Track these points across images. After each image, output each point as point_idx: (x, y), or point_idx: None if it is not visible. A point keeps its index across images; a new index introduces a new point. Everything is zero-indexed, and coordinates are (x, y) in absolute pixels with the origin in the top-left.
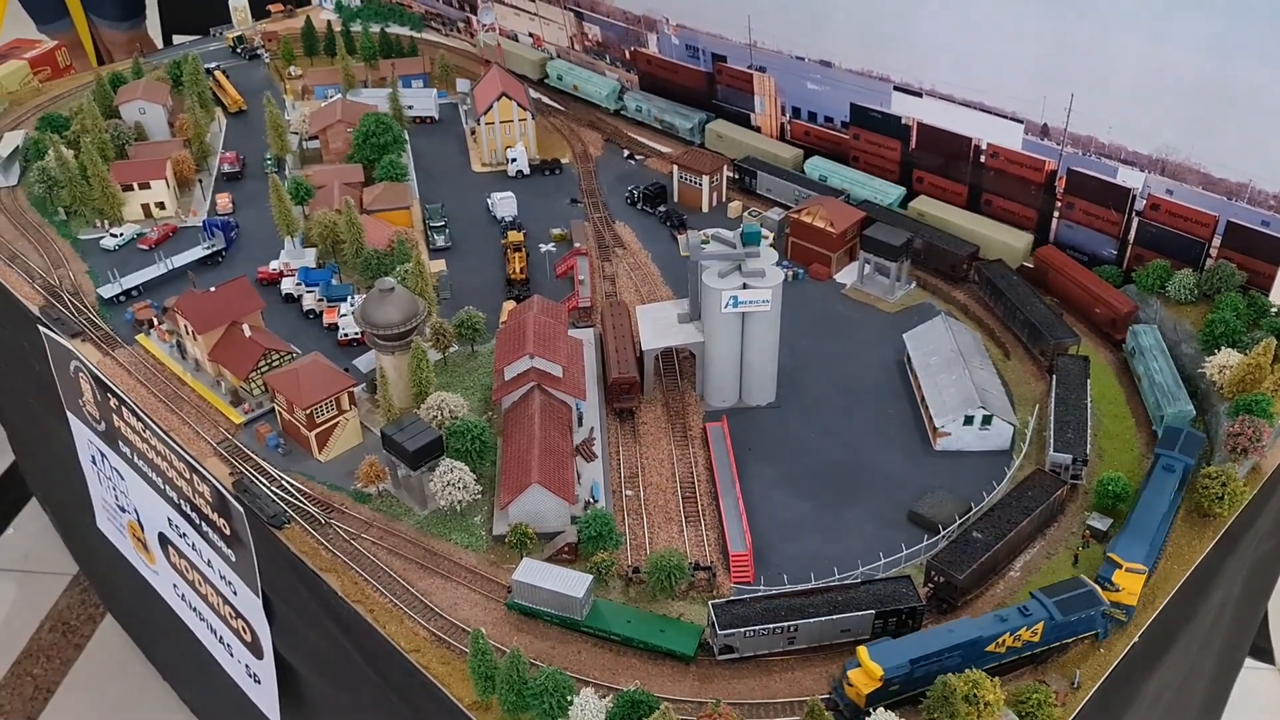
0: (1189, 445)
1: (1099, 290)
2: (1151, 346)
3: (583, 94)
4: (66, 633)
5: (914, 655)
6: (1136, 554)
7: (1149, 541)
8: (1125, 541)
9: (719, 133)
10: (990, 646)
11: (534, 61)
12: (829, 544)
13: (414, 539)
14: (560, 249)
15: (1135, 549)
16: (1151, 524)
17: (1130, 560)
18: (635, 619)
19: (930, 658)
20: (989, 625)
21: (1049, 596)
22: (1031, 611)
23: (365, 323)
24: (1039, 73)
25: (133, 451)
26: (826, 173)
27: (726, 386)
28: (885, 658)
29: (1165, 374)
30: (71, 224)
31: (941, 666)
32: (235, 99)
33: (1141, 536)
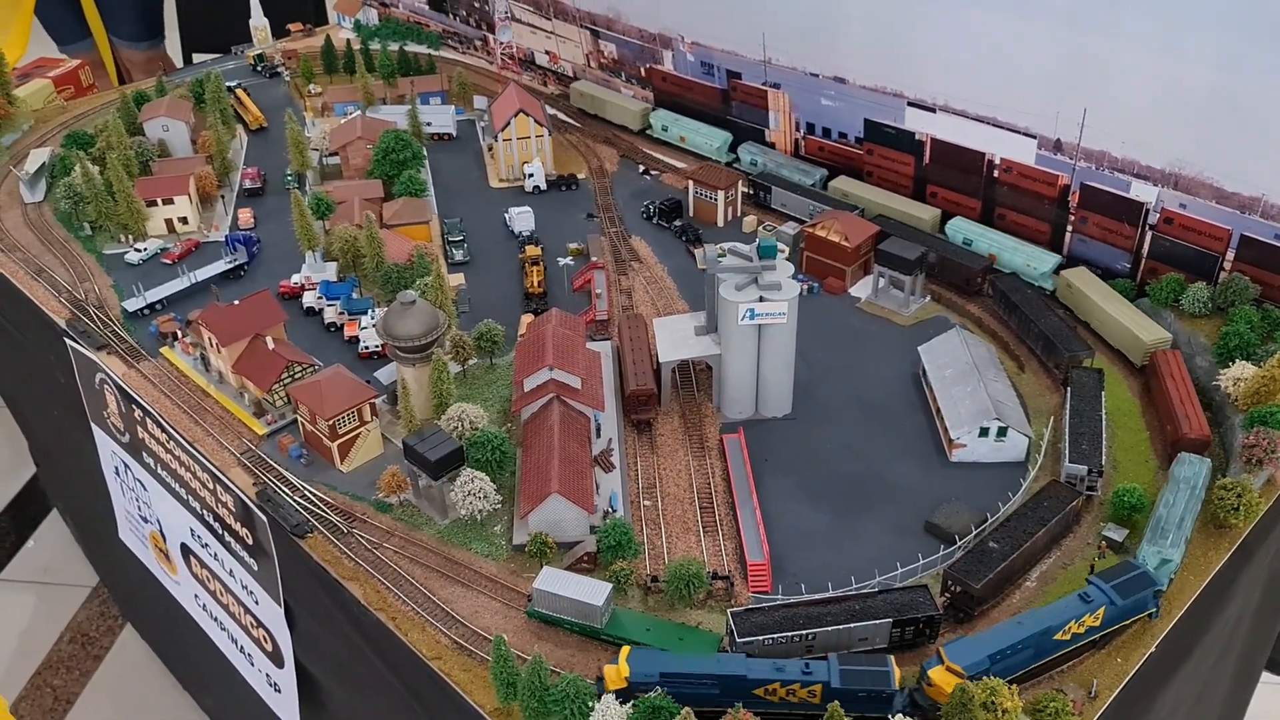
0: (1133, 587)
1: (1178, 406)
2: (1187, 479)
3: (691, 145)
4: (86, 644)
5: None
6: (966, 658)
7: (990, 654)
8: (967, 644)
9: (844, 190)
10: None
11: (635, 112)
12: (845, 554)
13: (435, 548)
14: (577, 263)
15: (969, 654)
16: (1010, 638)
17: (955, 661)
18: (654, 627)
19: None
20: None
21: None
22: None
23: (387, 335)
24: (1052, 88)
25: (156, 463)
26: (971, 236)
27: (743, 398)
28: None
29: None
30: (97, 239)
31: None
32: (256, 116)
33: (987, 646)
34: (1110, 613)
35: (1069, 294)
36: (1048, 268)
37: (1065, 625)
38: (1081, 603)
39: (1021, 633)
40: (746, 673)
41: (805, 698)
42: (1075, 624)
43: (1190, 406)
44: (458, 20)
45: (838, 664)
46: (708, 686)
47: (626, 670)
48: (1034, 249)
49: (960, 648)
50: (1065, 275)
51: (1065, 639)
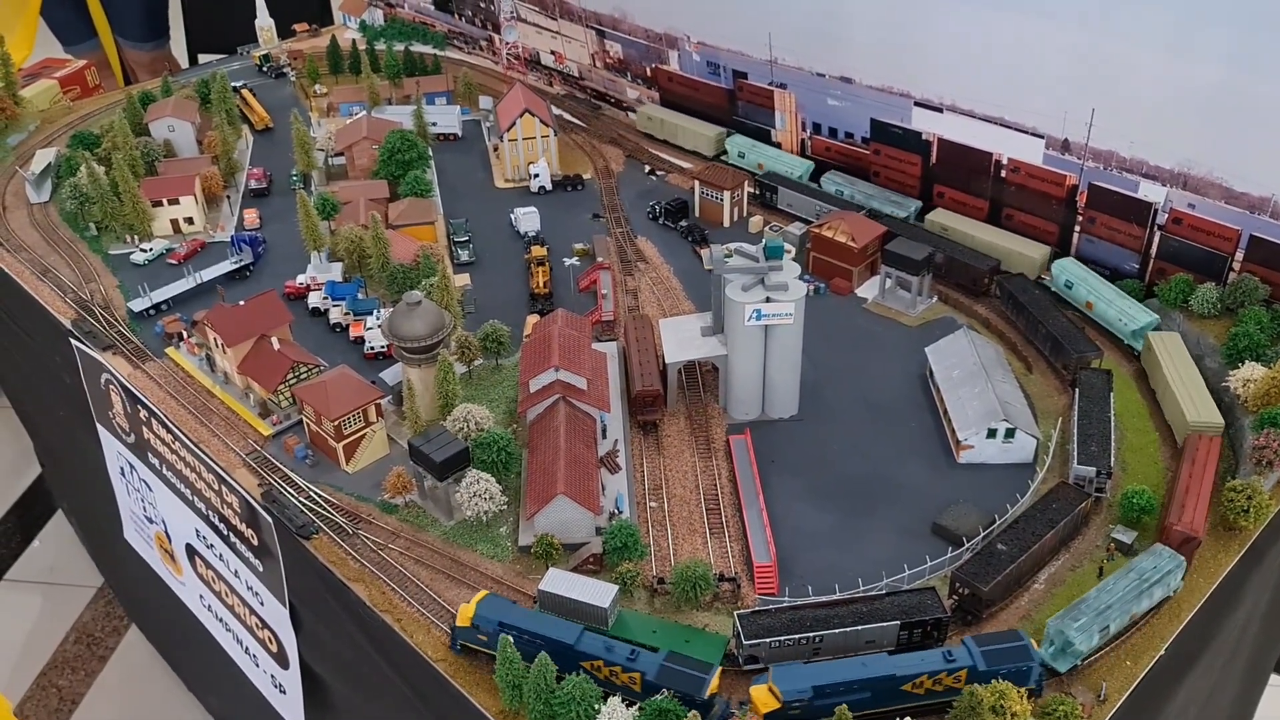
0: (1004, 657)
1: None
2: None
3: (769, 171)
4: (91, 644)
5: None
6: (789, 685)
7: (815, 686)
8: (799, 671)
9: (943, 224)
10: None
11: (709, 138)
12: (852, 556)
13: (440, 549)
14: (583, 263)
15: (795, 682)
16: (843, 676)
17: (779, 685)
18: (660, 629)
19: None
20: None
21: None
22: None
23: (393, 335)
24: (1060, 88)
25: (162, 463)
26: (1074, 279)
27: (749, 399)
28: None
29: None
30: (102, 239)
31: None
32: (262, 116)
33: (816, 678)
34: (973, 677)
35: (1149, 357)
36: (1139, 325)
37: (916, 678)
38: (943, 660)
39: (858, 673)
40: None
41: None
42: (930, 679)
43: (1197, 500)
44: (463, 20)
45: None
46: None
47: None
48: (1131, 303)
49: (789, 673)
50: (1152, 338)
51: (917, 692)
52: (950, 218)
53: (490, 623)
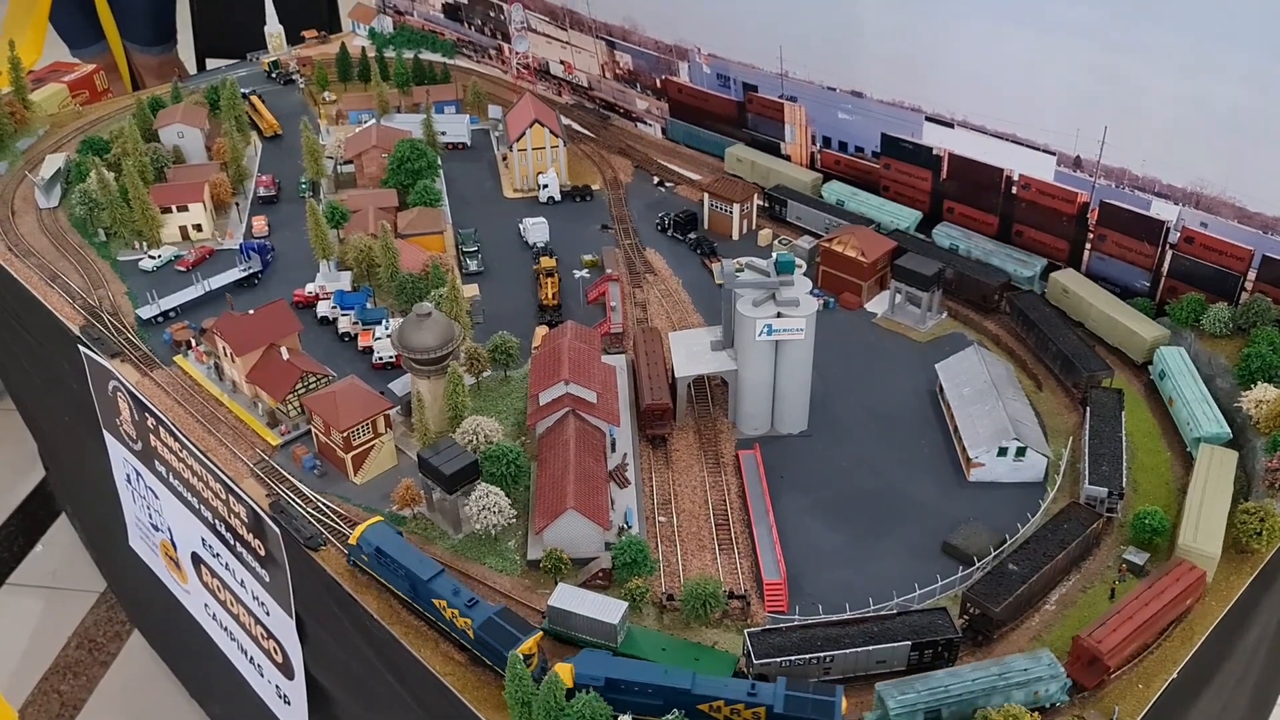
0: (806, 707)
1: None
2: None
3: (866, 212)
4: (93, 650)
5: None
6: (586, 669)
7: (609, 678)
8: (602, 659)
9: (1065, 286)
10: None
11: (806, 183)
12: (863, 574)
13: (449, 562)
14: (592, 275)
15: (592, 668)
16: (636, 675)
17: (579, 666)
18: (670, 646)
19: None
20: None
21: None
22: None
23: (402, 347)
24: (1072, 105)
25: (168, 471)
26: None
27: (759, 414)
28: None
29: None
30: (111, 245)
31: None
32: (271, 123)
33: (612, 670)
34: (770, 716)
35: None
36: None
37: (714, 700)
38: (745, 692)
39: (655, 679)
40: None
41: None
42: (727, 706)
43: (1131, 625)
44: (473, 29)
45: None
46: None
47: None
48: (1209, 408)
49: (591, 659)
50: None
51: (715, 716)
52: (1072, 278)
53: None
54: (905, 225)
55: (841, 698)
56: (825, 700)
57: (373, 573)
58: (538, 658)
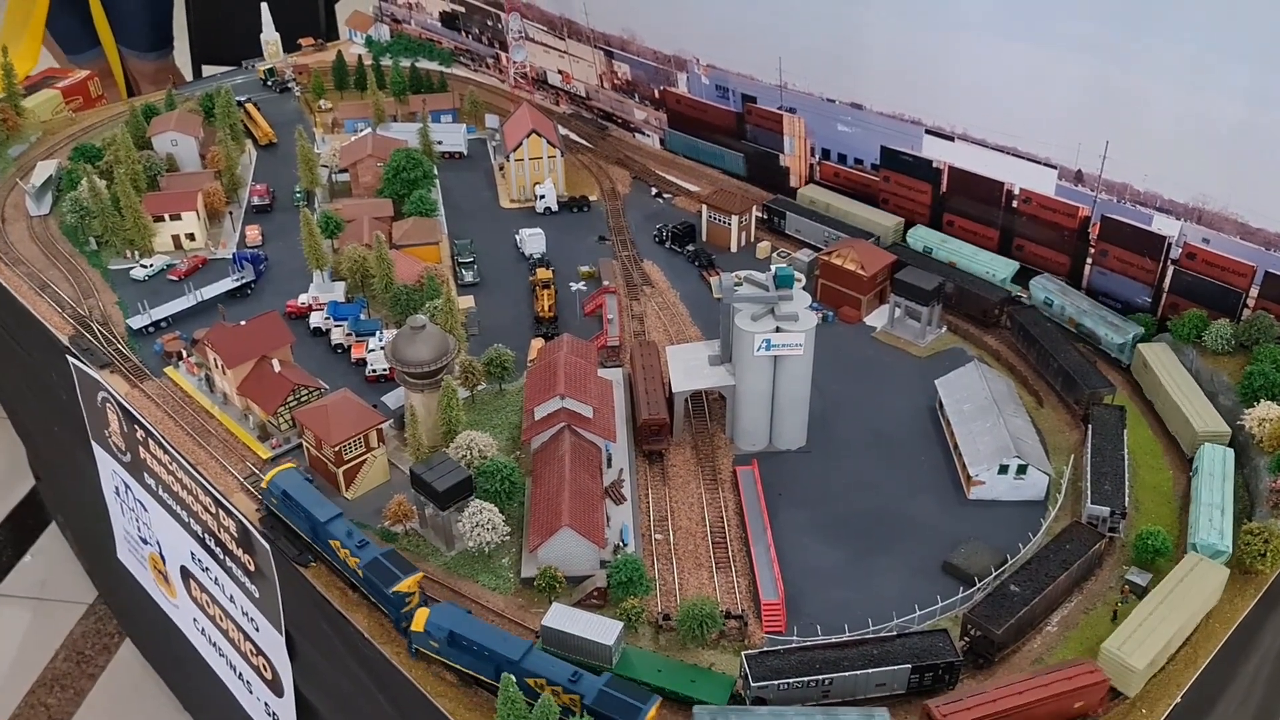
0: (612, 704)
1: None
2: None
3: (966, 272)
4: (81, 662)
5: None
6: (437, 620)
7: (451, 631)
8: (454, 613)
9: (1156, 359)
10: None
11: (888, 227)
12: (862, 594)
13: (441, 579)
14: (589, 287)
15: (443, 620)
16: (476, 635)
17: (434, 614)
18: (666, 668)
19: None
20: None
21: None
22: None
23: (396, 360)
24: (1073, 119)
25: (157, 484)
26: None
27: (757, 430)
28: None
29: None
30: (102, 254)
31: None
32: (266, 131)
33: (458, 625)
34: (585, 706)
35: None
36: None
37: (538, 677)
38: (567, 679)
39: (488, 641)
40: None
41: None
42: (548, 685)
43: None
44: (470, 38)
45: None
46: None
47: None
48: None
49: (442, 611)
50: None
51: (538, 689)
52: (1163, 353)
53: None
54: (1001, 277)
55: (652, 707)
56: (632, 705)
57: (281, 515)
58: (417, 597)
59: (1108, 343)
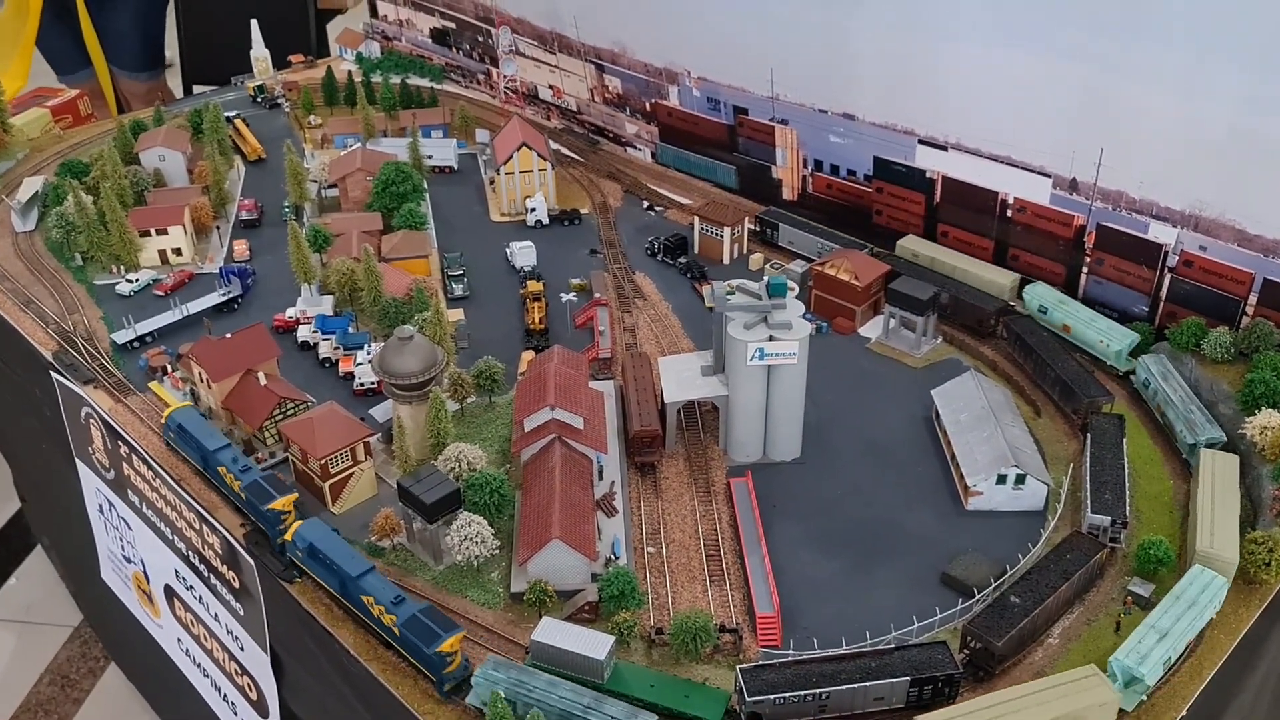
0: (419, 627)
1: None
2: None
3: (1076, 338)
4: (66, 686)
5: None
6: (304, 534)
7: (311, 544)
8: (319, 529)
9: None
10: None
11: (1005, 286)
12: (859, 606)
13: (429, 595)
14: (581, 299)
15: (308, 535)
16: (332, 551)
17: (301, 529)
18: (659, 683)
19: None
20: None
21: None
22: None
23: (383, 372)
24: (1068, 127)
25: (141, 501)
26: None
27: (750, 441)
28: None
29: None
30: (88, 270)
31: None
32: (255, 147)
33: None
34: (401, 625)
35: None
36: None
37: (369, 595)
38: (391, 599)
39: (335, 555)
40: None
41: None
42: (376, 605)
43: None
44: (461, 54)
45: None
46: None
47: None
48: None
49: (311, 527)
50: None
51: (373, 611)
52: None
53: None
54: (1118, 348)
55: (455, 635)
56: (434, 631)
57: (177, 449)
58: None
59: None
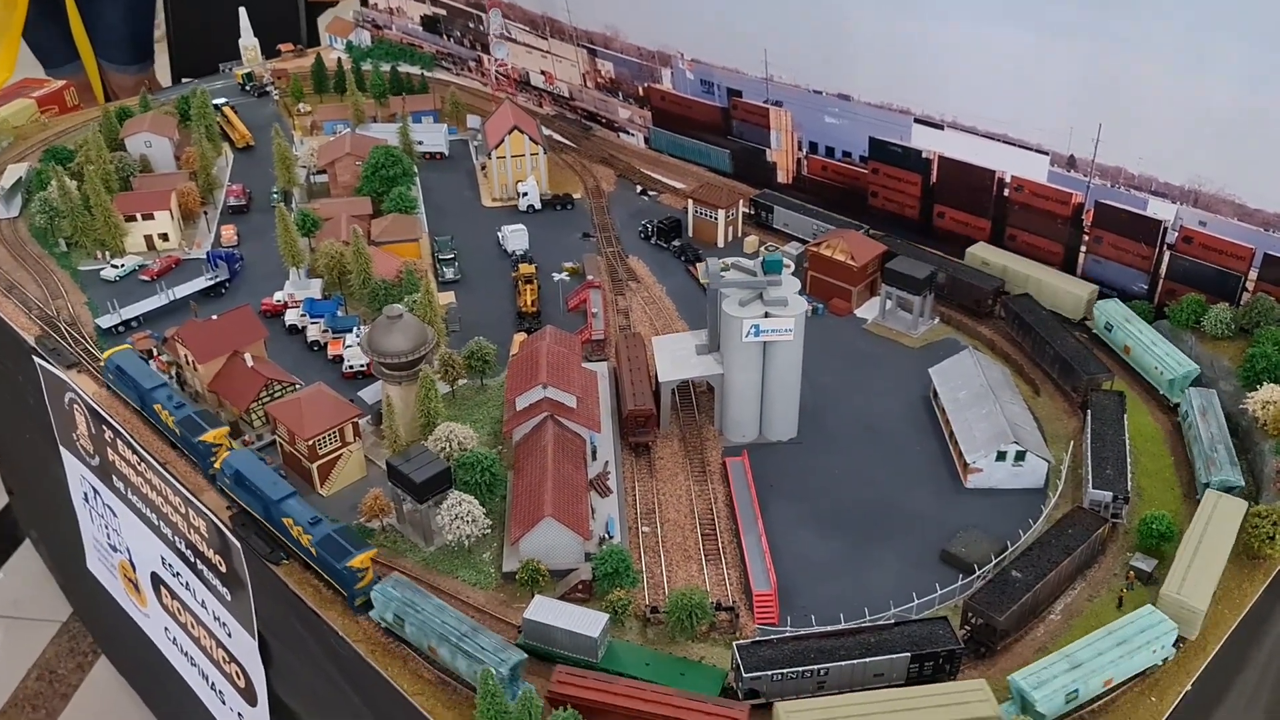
0: (332, 546)
1: None
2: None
3: (1134, 361)
4: (54, 681)
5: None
6: (233, 462)
7: (239, 471)
8: (246, 459)
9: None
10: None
11: (1082, 299)
12: (858, 585)
13: (419, 576)
14: (573, 280)
15: (234, 461)
16: (253, 474)
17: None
18: (654, 661)
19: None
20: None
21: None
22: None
23: (372, 351)
24: (1065, 103)
25: (126, 486)
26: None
27: (746, 421)
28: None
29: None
30: (72, 255)
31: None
32: (243, 134)
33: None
34: (318, 544)
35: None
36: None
37: (289, 517)
38: (309, 519)
39: (258, 480)
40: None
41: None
42: (296, 525)
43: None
44: (452, 41)
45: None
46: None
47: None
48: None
49: (240, 456)
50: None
51: (294, 534)
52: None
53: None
54: (1170, 377)
55: (365, 552)
56: (345, 548)
57: (117, 390)
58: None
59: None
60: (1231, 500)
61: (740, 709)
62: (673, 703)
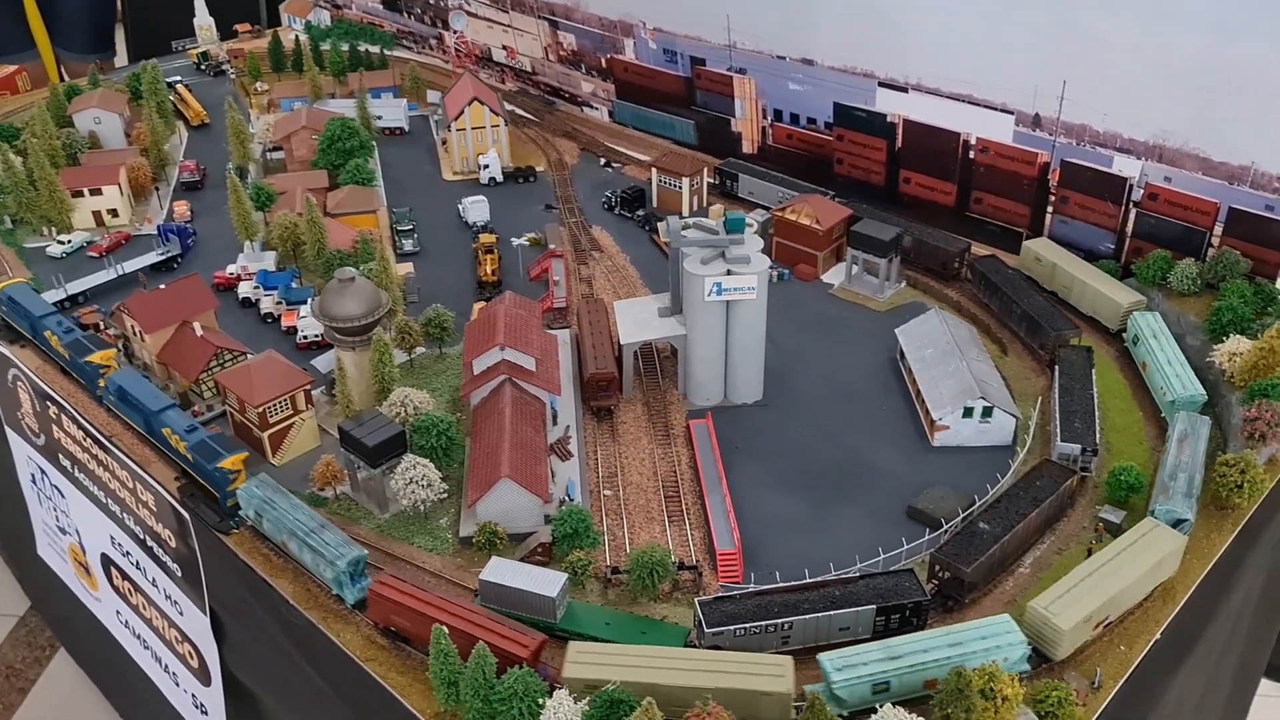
0: (206, 450)
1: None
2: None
3: (1147, 379)
4: (11, 676)
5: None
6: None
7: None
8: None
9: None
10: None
11: (1121, 307)
12: (823, 543)
13: (373, 543)
14: (534, 250)
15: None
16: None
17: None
18: (615, 621)
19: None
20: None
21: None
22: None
23: (324, 316)
24: (1029, 60)
25: (73, 464)
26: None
27: (710, 383)
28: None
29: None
30: (17, 233)
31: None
32: (198, 111)
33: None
34: (190, 449)
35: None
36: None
37: (167, 426)
38: (185, 427)
39: (141, 395)
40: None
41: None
42: (173, 435)
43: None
44: (412, 19)
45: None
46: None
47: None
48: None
49: (125, 374)
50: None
51: (171, 442)
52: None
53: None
54: (1171, 399)
55: (237, 455)
56: (217, 451)
57: (11, 321)
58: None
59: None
60: (1169, 534)
61: (534, 637)
62: (476, 621)
